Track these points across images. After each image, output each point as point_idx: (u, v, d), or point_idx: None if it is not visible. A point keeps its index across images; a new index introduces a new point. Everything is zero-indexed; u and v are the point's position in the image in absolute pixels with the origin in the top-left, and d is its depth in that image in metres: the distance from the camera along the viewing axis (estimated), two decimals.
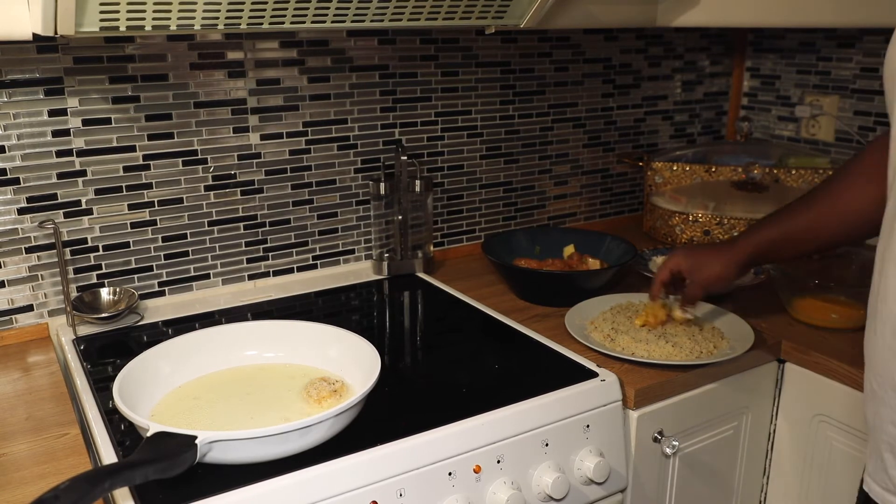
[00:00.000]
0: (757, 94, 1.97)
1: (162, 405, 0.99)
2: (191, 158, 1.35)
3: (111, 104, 1.26)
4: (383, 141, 1.53)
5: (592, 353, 1.17)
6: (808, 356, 1.21)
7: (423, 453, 0.94)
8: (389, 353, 1.21)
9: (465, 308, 1.36)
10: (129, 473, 0.74)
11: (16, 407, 1.06)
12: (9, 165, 1.21)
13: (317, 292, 1.44)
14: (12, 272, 1.25)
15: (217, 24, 1.03)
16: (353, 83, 1.47)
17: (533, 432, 1.01)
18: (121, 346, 1.22)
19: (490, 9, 1.21)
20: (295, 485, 0.86)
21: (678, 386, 1.14)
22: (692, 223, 1.66)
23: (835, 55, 1.77)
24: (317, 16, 1.08)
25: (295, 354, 1.11)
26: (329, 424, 0.88)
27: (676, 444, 1.12)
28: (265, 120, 1.40)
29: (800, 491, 1.27)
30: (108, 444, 0.94)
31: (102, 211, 1.30)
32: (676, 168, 1.73)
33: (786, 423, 1.28)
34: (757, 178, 1.68)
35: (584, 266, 1.46)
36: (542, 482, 1.00)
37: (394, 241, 1.54)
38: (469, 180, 1.66)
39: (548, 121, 1.73)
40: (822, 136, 1.82)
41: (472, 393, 1.07)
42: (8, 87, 1.18)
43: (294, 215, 1.47)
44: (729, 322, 1.27)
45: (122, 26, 0.97)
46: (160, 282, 1.38)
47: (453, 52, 1.56)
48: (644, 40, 1.82)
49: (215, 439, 0.82)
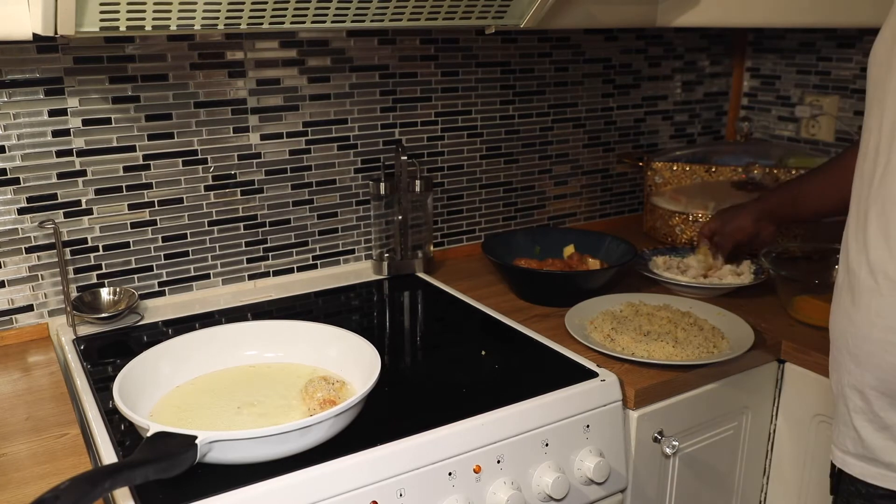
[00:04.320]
0: (757, 94, 1.97)
1: (162, 405, 0.99)
2: (191, 158, 1.35)
3: (111, 104, 1.26)
4: (383, 141, 1.53)
5: (592, 353, 1.17)
6: (808, 356, 1.21)
7: (423, 453, 0.94)
8: (389, 353, 1.21)
9: (465, 308, 1.36)
10: (129, 473, 0.74)
11: (16, 407, 1.06)
12: (9, 165, 1.21)
13: (317, 292, 1.44)
14: (12, 272, 1.25)
15: (217, 24, 1.03)
16: (353, 83, 1.47)
17: (533, 432, 1.01)
18: (121, 346, 1.22)
19: (490, 9, 1.21)
20: (295, 485, 0.86)
21: (678, 386, 1.14)
22: (692, 223, 1.66)
23: (835, 55, 1.78)
24: (317, 16, 1.08)
25: (295, 354, 1.11)
26: (329, 424, 0.88)
27: (676, 444, 1.12)
28: (265, 120, 1.40)
29: (800, 491, 1.27)
30: (108, 444, 0.94)
31: (102, 211, 1.30)
32: (676, 168, 1.73)
33: (786, 423, 1.28)
34: (757, 178, 1.68)
35: (584, 266, 1.46)
36: (542, 482, 1.00)
37: (394, 241, 1.54)
38: (469, 180, 1.66)
39: (548, 121, 1.73)
40: (822, 136, 1.82)
41: (472, 393, 1.07)
42: (8, 87, 1.18)
43: (294, 215, 1.47)
44: (729, 322, 1.27)
45: (122, 26, 0.97)
46: (160, 282, 1.38)
47: (453, 52, 1.56)
48: (644, 40, 1.82)
49: (215, 439, 0.82)
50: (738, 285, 1.39)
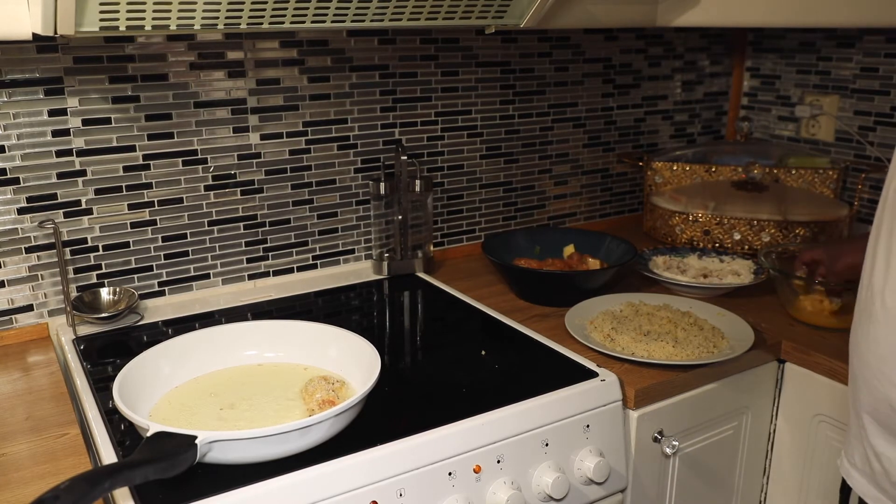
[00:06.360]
0: (757, 94, 1.97)
1: (162, 405, 0.99)
2: (191, 158, 1.35)
3: (111, 104, 1.26)
4: (383, 141, 1.53)
5: (592, 352, 1.17)
6: (808, 356, 1.21)
7: (423, 453, 0.94)
8: (389, 353, 1.21)
9: (465, 308, 1.36)
10: (129, 473, 0.74)
11: (16, 407, 1.05)
12: (9, 165, 1.21)
13: (317, 292, 1.44)
14: (12, 272, 1.25)
15: (217, 24, 1.03)
16: (353, 83, 1.47)
17: (533, 432, 1.01)
18: (121, 346, 1.22)
19: (490, 9, 1.21)
20: (295, 485, 0.86)
21: (678, 386, 1.14)
22: (692, 223, 1.66)
23: (835, 55, 1.77)
24: (317, 16, 1.08)
25: (295, 354, 1.11)
26: (329, 424, 0.88)
27: (676, 444, 1.12)
28: (265, 120, 1.40)
29: (800, 491, 1.27)
30: (108, 444, 0.94)
31: (102, 211, 1.30)
32: (676, 168, 1.73)
33: (786, 423, 1.28)
34: (757, 178, 1.68)
35: (584, 266, 1.46)
36: (542, 482, 1.00)
37: (394, 240, 1.54)
38: (469, 180, 1.66)
39: (548, 121, 1.73)
40: (822, 135, 1.82)
41: (472, 393, 1.07)
42: (8, 86, 1.18)
43: (294, 215, 1.47)
44: (729, 322, 1.27)
45: (122, 26, 0.97)
46: (160, 282, 1.38)
47: (453, 52, 1.56)
48: (644, 40, 1.82)
49: (215, 439, 0.82)
50: (738, 285, 1.39)
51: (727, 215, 1.63)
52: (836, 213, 1.63)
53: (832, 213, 1.62)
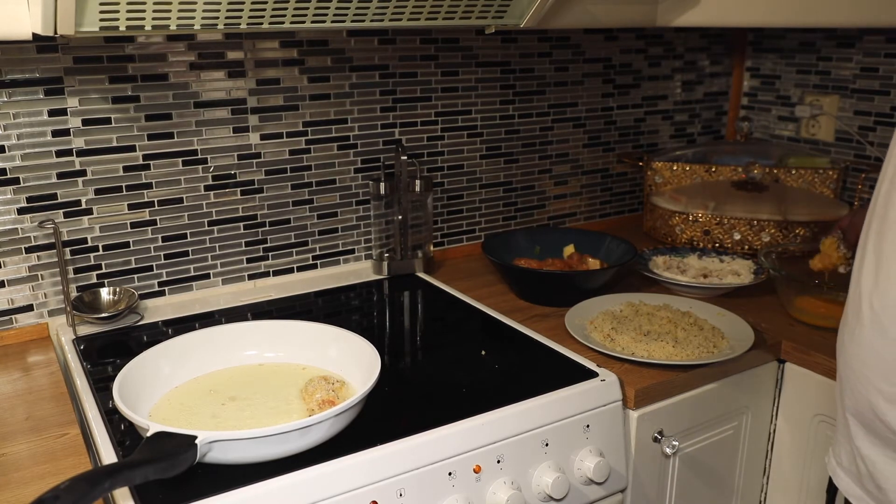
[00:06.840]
0: (757, 94, 1.97)
1: (162, 405, 0.99)
2: (191, 158, 1.35)
3: (111, 104, 1.26)
4: (383, 141, 1.53)
5: (592, 352, 1.17)
6: (809, 356, 1.21)
7: (423, 453, 0.94)
8: (389, 353, 1.21)
9: (465, 308, 1.36)
10: (129, 473, 0.74)
11: (16, 407, 1.05)
12: (9, 165, 1.21)
13: (317, 292, 1.44)
14: (12, 272, 1.25)
15: (217, 24, 1.03)
16: (353, 83, 1.47)
17: (533, 432, 1.01)
18: (121, 346, 1.22)
19: (490, 9, 1.21)
20: (295, 485, 0.86)
21: (678, 386, 1.14)
22: (692, 223, 1.66)
23: (835, 55, 1.77)
24: (317, 16, 1.08)
25: (295, 354, 1.11)
26: (329, 424, 0.88)
27: (676, 444, 1.12)
28: (265, 120, 1.40)
29: (800, 491, 1.27)
30: (108, 444, 0.94)
31: (102, 211, 1.30)
32: (676, 168, 1.73)
33: (786, 423, 1.28)
34: (757, 178, 1.68)
35: (584, 266, 1.46)
36: (542, 482, 1.00)
37: (394, 241, 1.54)
38: (469, 180, 1.66)
39: (548, 121, 1.73)
40: (822, 135, 1.82)
41: (472, 393, 1.07)
42: (8, 86, 1.18)
43: (294, 215, 1.47)
44: (729, 322, 1.27)
45: (122, 26, 0.97)
46: (160, 282, 1.38)
47: (453, 52, 1.56)
48: (644, 40, 1.82)
49: (215, 439, 0.82)
50: (738, 285, 1.39)
51: (727, 215, 1.63)
52: (837, 213, 1.62)
53: (832, 213, 1.62)
